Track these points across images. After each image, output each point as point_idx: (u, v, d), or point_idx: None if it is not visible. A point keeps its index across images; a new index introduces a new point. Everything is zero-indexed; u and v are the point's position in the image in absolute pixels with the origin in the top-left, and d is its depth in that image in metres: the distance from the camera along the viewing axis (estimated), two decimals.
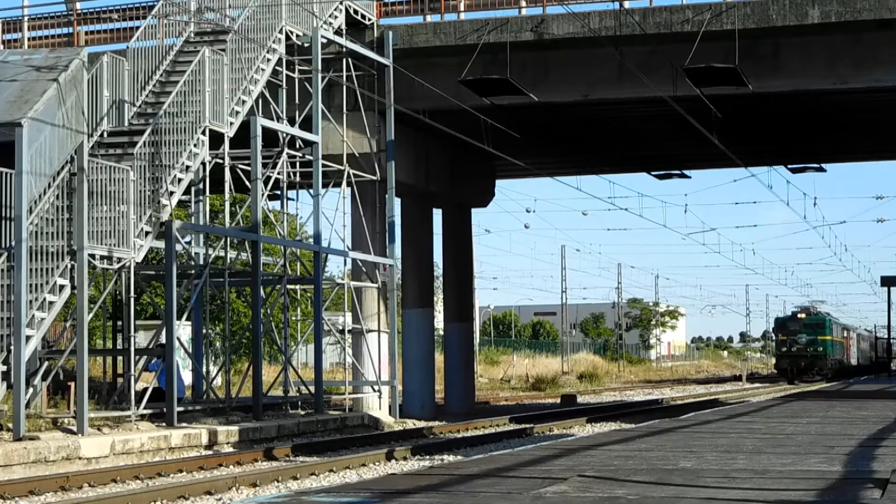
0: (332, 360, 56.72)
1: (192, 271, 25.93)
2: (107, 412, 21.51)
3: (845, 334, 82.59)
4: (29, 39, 31.91)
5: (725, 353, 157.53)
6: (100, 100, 23.34)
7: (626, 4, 29.28)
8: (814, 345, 71.00)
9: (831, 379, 68.49)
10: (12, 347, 18.85)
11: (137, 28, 26.46)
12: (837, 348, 76.09)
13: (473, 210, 40.82)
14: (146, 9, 29.61)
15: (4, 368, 18.96)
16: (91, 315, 23.04)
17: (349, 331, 32.00)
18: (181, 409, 23.19)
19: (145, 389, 22.80)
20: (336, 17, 29.48)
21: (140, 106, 24.80)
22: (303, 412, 26.99)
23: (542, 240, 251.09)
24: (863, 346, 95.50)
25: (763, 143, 38.91)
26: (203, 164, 25.09)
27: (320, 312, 27.88)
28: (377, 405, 30.02)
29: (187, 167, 23.46)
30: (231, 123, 24.93)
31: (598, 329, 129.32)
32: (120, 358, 24.95)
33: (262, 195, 26.17)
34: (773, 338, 77.61)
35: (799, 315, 73.58)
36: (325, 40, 28.47)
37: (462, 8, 30.79)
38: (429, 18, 30.77)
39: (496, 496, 9.52)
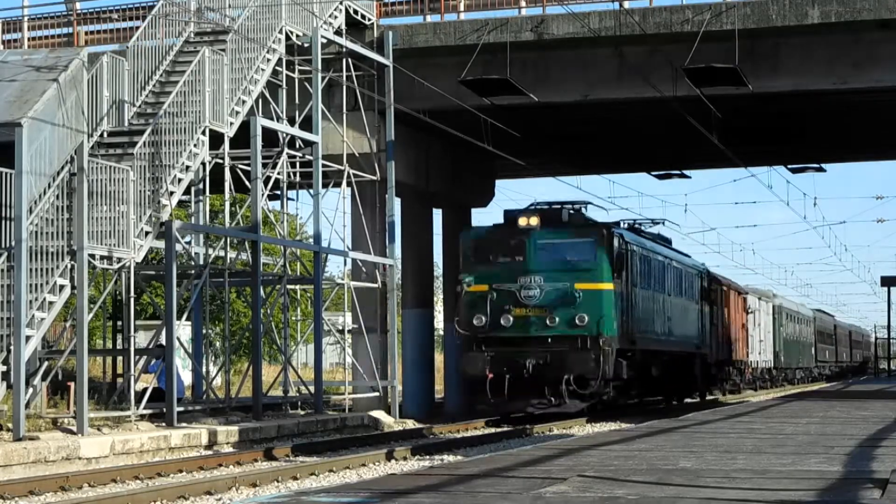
0: (332, 360, 56.70)
1: (192, 271, 25.93)
2: (107, 412, 21.50)
3: (719, 294, 41.23)
4: (29, 39, 31.90)
5: None
6: (100, 100, 23.32)
7: (626, 4, 29.26)
8: (567, 306, 27.65)
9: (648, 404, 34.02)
10: (12, 347, 18.84)
11: (137, 28, 26.46)
12: (671, 321, 34.04)
13: (473, 210, 40.79)
14: (146, 9, 29.60)
15: (4, 368, 18.95)
16: (91, 315, 23.04)
17: (349, 331, 32.00)
18: (181, 409, 23.17)
19: (145, 389, 22.80)
20: (336, 17, 29.48)
21: (140, 106, 24.79)
22: (303, 412, 26.99)
23: None
24: (799, 332, 55.85)
25: (763, 143, 38.89)
26: (203, 164, 25.08)
27: (320, 312, 27.87)
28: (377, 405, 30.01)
29: (187, 167, 23.46)
30: (231, 123, 24.93)
31: None
32: (120, 358, 24.96)
33: (262, 195, 26.17)
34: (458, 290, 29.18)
35: (524, 222, 28.39)
36: (325, 40, 28.47)
37: (462, 8, 30.79)
38: (429, 18, 30.78)
39: (496, 496, 9.51)
